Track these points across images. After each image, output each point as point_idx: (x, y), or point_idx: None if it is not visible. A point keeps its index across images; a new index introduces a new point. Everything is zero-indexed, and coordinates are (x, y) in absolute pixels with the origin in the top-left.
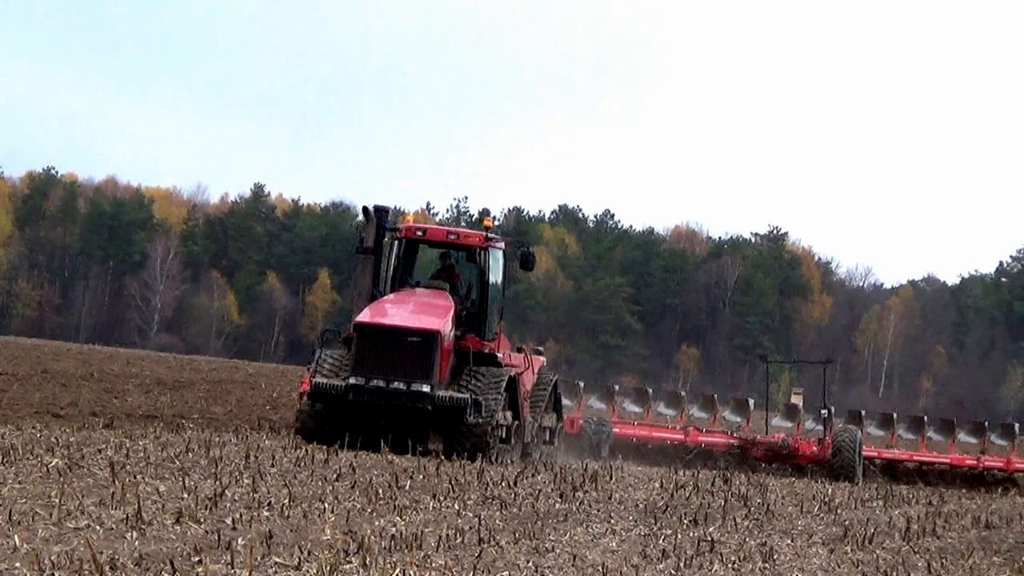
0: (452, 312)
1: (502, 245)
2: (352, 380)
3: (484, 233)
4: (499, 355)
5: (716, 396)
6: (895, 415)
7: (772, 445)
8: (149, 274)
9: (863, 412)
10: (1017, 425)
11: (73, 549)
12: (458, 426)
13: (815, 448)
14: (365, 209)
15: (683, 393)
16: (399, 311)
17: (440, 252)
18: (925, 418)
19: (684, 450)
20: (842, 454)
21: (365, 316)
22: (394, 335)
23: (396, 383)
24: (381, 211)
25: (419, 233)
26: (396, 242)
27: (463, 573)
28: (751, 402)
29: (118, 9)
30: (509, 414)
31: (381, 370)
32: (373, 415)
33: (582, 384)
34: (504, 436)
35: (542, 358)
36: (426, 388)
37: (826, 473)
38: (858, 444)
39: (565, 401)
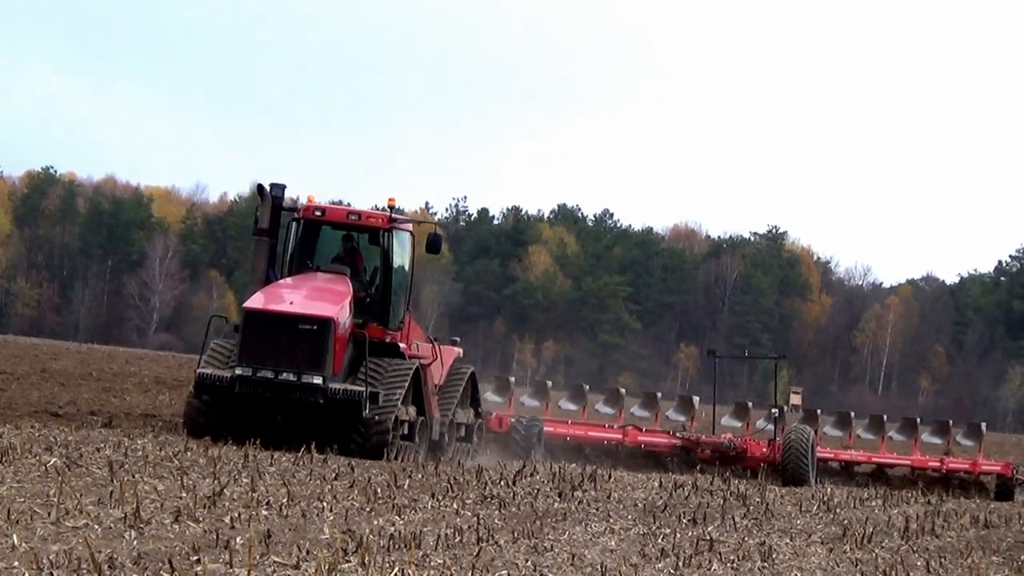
0: (349, 298)
1: (409, 227)
2: (238, 371)
3: (388, 214)
4: (402, 345)
5: (659, 394)
6: (852, 414)
7: (718, 446)
8: (148, 273)
9: (819, 411)
10: (984, 425)
11: (72, 548)
12: (353, 421)
13: (765, 449)
14: (260, 187)
15: (622, 390)
16: (292, 296)
17: (342, 234)
18: (885, 417)
19: (625, 451)
20: (792, 456)
21: (255, 301)
22: (284, 322)
23: (286, 374)
24: (278, 190)
25: (318, 213)
26: (295, 223)
27: (462, 572)
28: (696, 400)
29: (117, 8)
30: (413, 409)
31: (270, 360)
32: (262, 409)
33: (513, 379)
34: (407, 432)
35: (457, 349)
36: (318, 380)
37: (777, 476)
38: (811, 445)
39: (495, 398)
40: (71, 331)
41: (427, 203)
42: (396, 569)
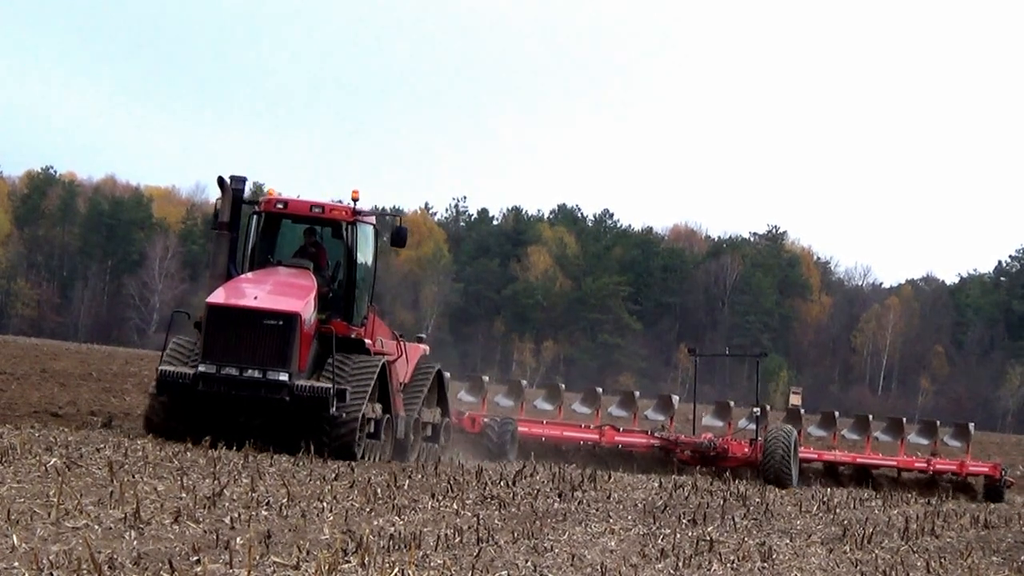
0: (314, 293)
1: (372, 220)
2: (201, 368)
3: (352, 207)
4: (367, 341)
5: (637, 392)
6: (837, 414)
7: (698, 446)
8: (148, 273)
9: (802, 411)
10: (972, 425)
11: (71, 548)
12: (319, 419)
13: (747, 449)
14: (220, 180)
15: (599, 389)
16: (255, 291)
17: (304, 228)
18: (870, 417)
19: (603, 452)
20: (774, 456)
21: (217, 297)
22: (249, 318)
23: (251, 371)
24: (238, 182)
25: (280, 206)
26: (255, 217)
27: (462, 572)
28: (676, 399)
29: (117, 8)
30: (379, 407)
31: (234, 357)
32: (226, 407)
33: (486, 378)
34: (373, 431)
35: (423, 347)
36: (284, 377)
37: (758, 476)
38: (793, 445)
39: (468, 397)
40: (71, 331)
41: (427, 203)
42: (396, 569)
